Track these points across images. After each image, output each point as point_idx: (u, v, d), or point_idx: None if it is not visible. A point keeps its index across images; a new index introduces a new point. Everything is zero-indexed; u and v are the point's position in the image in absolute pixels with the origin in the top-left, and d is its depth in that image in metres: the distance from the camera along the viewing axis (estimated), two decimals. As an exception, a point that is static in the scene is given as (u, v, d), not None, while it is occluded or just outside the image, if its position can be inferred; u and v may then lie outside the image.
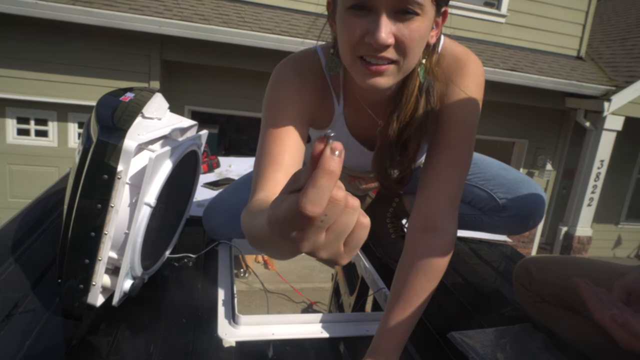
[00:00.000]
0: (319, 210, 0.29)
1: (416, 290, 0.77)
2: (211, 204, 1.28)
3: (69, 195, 0.84)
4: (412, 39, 0.67)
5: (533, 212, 1.11)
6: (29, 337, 0.81)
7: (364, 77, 0.70)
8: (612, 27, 7.25)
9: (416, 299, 0.77)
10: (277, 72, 0.86)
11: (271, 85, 0.86)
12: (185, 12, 4.13)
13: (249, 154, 7.10)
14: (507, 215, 1.12)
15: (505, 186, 1.11)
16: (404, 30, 0.66)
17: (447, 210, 0.81)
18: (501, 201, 1.10)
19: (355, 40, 0.67)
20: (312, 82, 0.85)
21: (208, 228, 1.27)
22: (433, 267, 0.78)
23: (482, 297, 1.20)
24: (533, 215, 1.11)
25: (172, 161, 0.92)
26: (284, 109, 0.82)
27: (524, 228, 1.16)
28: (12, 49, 3.92)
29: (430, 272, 0.78)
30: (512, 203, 1.10)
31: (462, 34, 5.45)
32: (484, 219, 1.16)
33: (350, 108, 0.91)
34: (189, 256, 1.17)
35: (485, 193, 1.12)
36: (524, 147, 6.06)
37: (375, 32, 0.64)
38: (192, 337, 0.87)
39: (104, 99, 0.90)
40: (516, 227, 1.16)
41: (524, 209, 1.10)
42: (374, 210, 1.42)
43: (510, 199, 1.10)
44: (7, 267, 1.02)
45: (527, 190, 1.10)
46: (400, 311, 0.77)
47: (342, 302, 1.96)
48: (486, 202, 1.12)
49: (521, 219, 1.11)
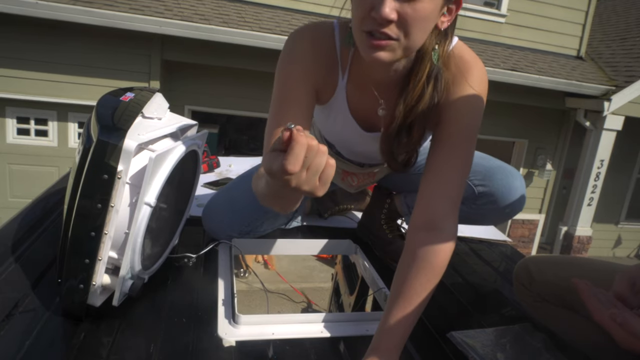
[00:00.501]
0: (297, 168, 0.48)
1: (416, 289, 0.78)
2: (210, 202, 1.28)
3: (69, 195, 0.84)
4: (415, 18, 0.71)
5: (510, 197, 1.09)
6: (29, 337, 0.81)
7: (368, 50, 0.74)
8: (611, 27, 7.25)
9: (416, 298, 0.77)
10: (292, 40, 0.90)
11: (285, 52, 0.90)
12: (185, 12, 4.13)
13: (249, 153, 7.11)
14: (483, 202, 1.11)
15: (481, 173, 1.11)
16: (407, 8, 0.70)
17: (448, 211, 0.82)
18: (477, 189, 1.10)
19: (363, 13, 0.71)
20: (323, 53, 0.89)
21: (208, 227, 1.27)
22: (434, 266, 0.79)
23: (482, 297, 1.20)
24: (510, 203, 1.10)
25: (172, 161, 0.92)
26: (294, 79, 0.87)
27: (502, 216, 1.13)
28: (12, 49, 3.92)
29: (431, 271, 0.79)
30: (488, 189, 1.09)
31: (462, 33, 5.44)
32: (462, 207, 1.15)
33: (354, 85, 0.94)
34: (189, 256, 1.17)
35: None
36: (524, 147, 6.06)
37: (380, 8, 0.68)
38: (192, 337, 0.87)
39: (104, 99, 0.90)
40: (494, 215, 1.14)
41: (500, 195, 1.08)
42: (370, 213, 1.43)
43: (486, 185, 1.09)
44: (7, 266, 1.02)
45: (503, 177, 1.09)
46: (401, 310, 0.77)
47: (342, 302, 1.96)
48: None
49: (497, 206, 1.10)
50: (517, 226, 6.35)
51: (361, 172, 1.30)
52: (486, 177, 1.10)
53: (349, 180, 1.33)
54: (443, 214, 0.82)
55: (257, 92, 4.74)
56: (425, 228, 0.81)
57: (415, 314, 0.78)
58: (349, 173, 1.31)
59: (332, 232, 1.49)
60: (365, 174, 1.31)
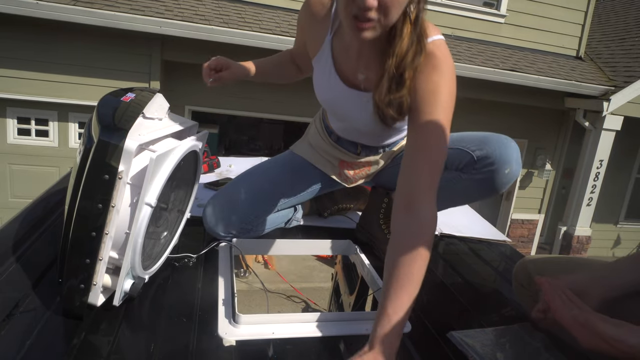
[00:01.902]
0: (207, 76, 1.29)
1: (405, 272, 0.80)
2: (210, 200, 1.29)
3: (70, 195, 0.84)
4: (392, 3, 0.83)
5: (508, 157, 1.13)
6: (30, 336, 0.81)
7: (353, 32, 0.87)
8: (611, 27, 7.25)
9: (406, 280, 0.80)
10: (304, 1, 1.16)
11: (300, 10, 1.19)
12: (185, 13, 4.13)
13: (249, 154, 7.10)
14: (484, 165, 1.14)
15: (476, 140, 1.16)
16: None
17: (424, 192, 0.87)
18: (475, 153, 1.14)
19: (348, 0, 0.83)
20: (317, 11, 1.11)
21: (208, 226, 1.27)
22: (417, 247, 0.82)
23: (482, 297, 1.21)
24: (509, 161, 1.13)
25: (172, 161, 0.92)
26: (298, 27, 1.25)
27: (503, 178, 1.16)
28: (12, 49, 3.92)
29: (415, 252, 0.81)
30: (485, 152, 1.13)
31: (461, 34, 5.45)
32: (464, 177, 1.18)
33: (339, 42, 1.08)
34: (189, 256, 1.17)
35: (457, 151, 1.16)
36: (523, 147, 6.06)
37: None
38: (192, 337, 0.87)
39: (105, 99, 0.90)
40: (495, 179, 1.16)
41: (498, 155, 1.12)
42: (368, 213, 1.44)
43: (483, 149, 1.14)
44: (8, 266, 1.02)
45: (497, 140, 1.14)
46: (394, 294, 0.79)
47: (342, 302, 1.96)
48: (460, 158, 1.16)
49: (497, 167, 1.13)
50: (516, 226, 6.36)
51: (357, 162, 1.34)
52: (481, 142, 1.16)
53: (345, 173, 1.36)
54: (420, 195, 0.86)
55: (257, 92, 4.74)
56: (404, 210, 0.86)
57: (409, 296, 0.79)
58: (345, 163, 1.35)
59: (332, 232, 1.50)
60: (361, 163, 1.34)
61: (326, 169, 1.37)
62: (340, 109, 1.18)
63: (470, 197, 1.26)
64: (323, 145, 1.35)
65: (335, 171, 1.37)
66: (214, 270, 1.13)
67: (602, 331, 0.65)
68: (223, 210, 1.25)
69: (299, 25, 1.23)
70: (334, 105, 1.20)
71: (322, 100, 1.22)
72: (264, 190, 1.31)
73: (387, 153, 1.34)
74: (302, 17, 1.18)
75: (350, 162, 1.35)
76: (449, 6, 5.32)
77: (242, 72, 1.33)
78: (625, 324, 0.65)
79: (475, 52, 5.14)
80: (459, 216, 1.83)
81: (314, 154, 1.38)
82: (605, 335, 0.64)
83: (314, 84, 1.21)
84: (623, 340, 0.63)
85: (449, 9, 5.33)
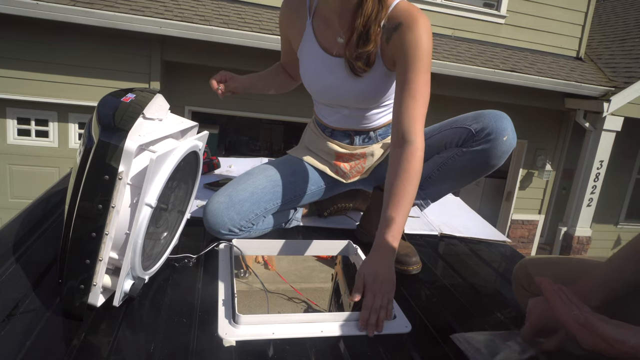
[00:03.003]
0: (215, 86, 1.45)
1: (400, 190, 1.04)
2: (210, 200, 1.29)
3: (70, 196, 0.84)
4: None
5: (504, 126, 1.22)
6: (30, 337, 0.81)
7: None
8: (611, 28, 7.26)
9: (401, 197, 1.03)
10: None
11: None
12: (185, 13, 4.13)
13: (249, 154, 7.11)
14: (482, 136, 1.23)
15: (471, 116, 1.27)
16: None
17: (411, 127, 1.09)
18: (472, 127, 1.24)
19: None
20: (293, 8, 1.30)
21: (208, 225, 1.27)
22: (409, 171, 1.05)
23: (482, 297, 1.21)
24: (505, 129, 1.22)
25: (172, 162, 0.92)
26: (281, 31, 1.41)
27: (502, 147, 1.23)
28: (12, 49, 3.92)
29: (407, 174, 1.05)
30: (482, 125, 1.23)
31: (461, 34, 5.45)
32: (464, 151, 1.26)
33: (319, 21, 1.26)
34: (189, 256, 1.17)
35: (454, 130, 1.28)
36: (523, 148, 6.07)
37: None
38: (192, 337, 0.87)
39: (105, 100, 0.90)
40: (496, 148, 1.23)
41: (494, 125, 1.22)
42: (368, 214, 1.44)
43: (479, 121, 1.24)
44: (8, 267, 1.02)
45: (491, 113, 1.25)
46: (391, 208, 1.03)
47: (342, 302, 1.96)
48: (459, 135, 1.26)
49: (496, 135, 1.21)
50: (516, 226, 6.36)
51: (351, 153, 1.40)
52: (476, 117, 1.25)
53: (341, 168, 1.42)
54: (408, 130, 1.09)
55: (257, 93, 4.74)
56: (398, 144, 1.10)
57: (404, 211, 1.03)
58: (341, 157, 1.41)
59: (332, 232, 1.50)
60: (356, 155, 1.40)
61: (322, 167, 1.43)
62: (326, 80, 1.29)
63: (474, 172, 1.31)
64: (318, 143, 1.43)
65: (332, 167, 1.43)
66: (214, 271, 1.13)
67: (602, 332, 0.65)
68: (223, 210, 1.25)
69: (282, 29, 1.39)
70: (320, 79, 1.31)
71: (311, 82, 1.34)
72: (264, 192, 1.32)
73: (380, 144, 1.40)
74: (282, 17, 1.36)
75: (345, 155, 1.40)
76: (448, 7, 5.32)
77: (246, 82, 1.48)
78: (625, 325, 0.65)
79: (475, 53, 5.15)
80: (459, 216, 1.83)
81: (310, 154, 1.45)
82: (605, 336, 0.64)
83: (302, 74, 1.36)
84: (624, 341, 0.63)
85: (449, 10, 5.33)
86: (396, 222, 1.02)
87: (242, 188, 1.31)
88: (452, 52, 4.90)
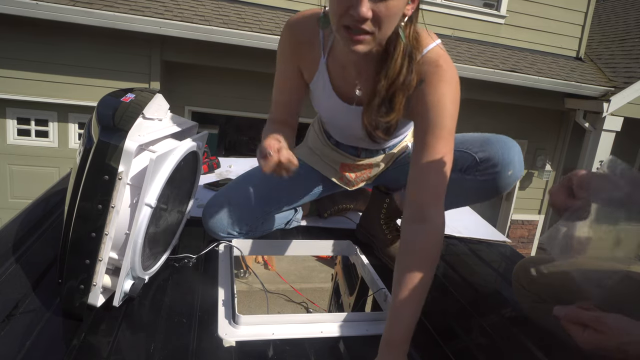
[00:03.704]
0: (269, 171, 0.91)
1: (416, 277, 0.83)
2: (210, 202, 1.29)
3: (69, 196, 0.84)
4: (388, 15, 0.82)
5: (511, 159, 1.13)
6: (30, 337, 0.81)
7: (348, 43, 0.87)
8: (611, 28, 7.26)
9: (416, 285, 0.83)
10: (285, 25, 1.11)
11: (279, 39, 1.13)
12: (185, 13, 4.13)
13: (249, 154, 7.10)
14: (486, 167, 1.14)
15: (477, 142, 1.17)
16: (381, 7, 0.81)
17: (432, 202, 0.90)
18: (477, 155, 1.15)
19: (341, 10, 0.82)
20: (303, 37, 1.08)
21: (208, 228, 1.27)
22: (426, 254, 0.86)
23: (482, 297, 1.21)
24: (512, 163, 1.13)
25: (172, 162, 0.92)
26: (281, 62, 1.14)
27: (506, 179, 1.16)
28: (12, 50, 3.92)
29: (424, 259, 0.86)
30: (488, 154, 1.14)
31: (461, 34, 5.45)
32: (467, 179, 1.17)
33: (334, 62, 1.07)
34: (189, 256, 1.17)
35: (460, 153, 1.15)
36: (523, 148, 6.06)
37: (357, 7, 0.79)
38: (192, 337, 0.87)
39: (104, 100, 0.90)
40: (499, 181, 1.16)
41: (500, 157, 1.13)
42: (368, 214, 1.43)
43: (485, 150, 1.14)
44: (8, 267, 1.02)
45: (499, 141, 1.15)
46: (404, 298, 0.83)
47: (342, 302, 1.96)
48: (463, 160, 1.16)
49: (499, 169, 1.13)
50: (516, 227, 6.36)
51: (357, 164, 1.33)
52: (483, 144, 1.16)
53: (346, 177, 1.35)
54: (428, 205, 0.90)
55: (257, 92, 4.74)
56: (414, 220, 0.90)
57: (419, 302, 0.83)
58: (346, 166, 1.34)
59: (332, 232, 1.50)
60: (362, 166, 1.34)
61: (327, 173, 1.36)
62: (340, 122, 1.20)
63: (473, 199, 1.26)
64: (323, 149, 1.35)
65: (337, 175, 1.36)
66: (214, 271, 1.13)
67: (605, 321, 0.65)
68: (223, 212, 1.25)
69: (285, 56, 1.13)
70: (333, 119, 1.22)
71: (324, 115, 1.24)
72: (264, 194, 1.31)
73: (388, 155, 1.34)
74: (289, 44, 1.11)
75: (351, 165, 1.34)
76: (448, 7, 5.32)
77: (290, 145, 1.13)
78: None
79: (475, 53, 5.14)
80: (459, 217, 1.83)
81: (314, 157, 1.37)
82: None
83: (313, 102, 1.21)
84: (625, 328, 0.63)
85: (448, 10, 5.33)
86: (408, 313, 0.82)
87: (242, 191, 1.30)
88: (452, 52, 4.89)
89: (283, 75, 1.15)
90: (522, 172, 1.17)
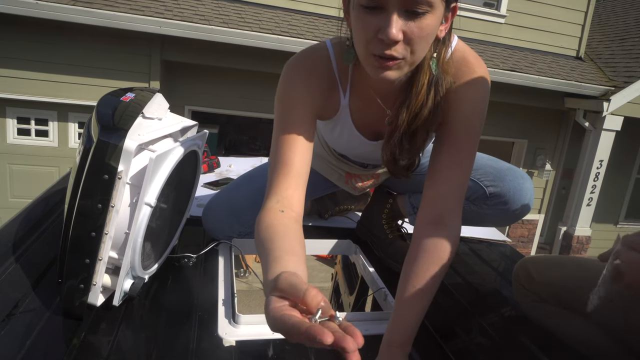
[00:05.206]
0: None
1: (425, 281, 0.80)
2: (210, 203, 1.29)
3: (69, 195, 0.84)
4: (421, 36, 0.72)
5: (521, 198, 1.11)
6: (30, 336, 0.81)
7: (377, 71, 0.76)
8: (611, 28, 7.25)
9: (425, 289, 0.80)
10: (286, 70, 0.90)
11: (281, 83, 0.90)
12: (185, 13, 4.13)
13: (249, 154, 7.10)
14: (494, 203, 1.13)
15: (491, 174, 1.13)
16: (413, 27, 0.70)
17: (453, 208, 0.86)
18: (488, 189, 1.12)
19: (369, 36, 0.72)
20: (319, 77, 0.90)
21: (207, 228, 1.27)
22: (442, 258, 0.82)
23: (482, 297, 1.21)
24: (521, 202, 1.11)
25: (172, 161, 0.92)
26: (293, 110, 0.88)
27: (511, 216, 1.15)
28: (12, 49, 3.92)
29: (439, 263, 0.81)
30: (500, 190, 1.11)
31: (461, 34, 5.43)
32: (472, 207, 1.16)
33: (357, 100, 0.95)
34: (189, 256, 1.17)
35: (472, 182, 1.12)
36: (523, 147, 6.06)
37: (387, 29, 0.69)
38: (192, 337, 0.87)
39: (104, 99, 0.90)
40: (503, 216, 1.15)
41: (512, 196, 1.11)
42: (370, 213, 1.43)
43: (497, 186, 1.11)
44: (8, 266, 1.02)
45: (513, 179, 1.12)
46: (411, 301, 0.80)
47: (342, 302, 1.96)
48: (473, 190, 1.13)
49: (508, 207, 1.12)
50: (516, 226, 6.35)
51: (364, 174, 1.31)
52: (497, 178, 1.12)
53: (352, 182, 1.33)
54: (449, 210, 0.85)
55: (257, 92, 4.74)
56: (432, 223, 0.85)
57: (424, 305, 0.81)
58: (353, 175, 1.31)
59: (332, 232, 1.50)
60: (369, 175, 1.32)
61: (332, 178, 1.34)
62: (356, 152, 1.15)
63: (473, 224, 1.25)
64: (327, 157, 1.30)
65: (342, 180, 1.33)
66: (213, 270, 1.13)
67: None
68: (223, 214, 1.25)
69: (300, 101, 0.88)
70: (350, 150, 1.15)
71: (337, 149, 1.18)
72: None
73: None
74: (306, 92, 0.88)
75: (357, 174, 1.31)
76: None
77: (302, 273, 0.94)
78: None
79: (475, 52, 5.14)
80: (459, 216, 1.83)
81: (318, 161, 1.32)
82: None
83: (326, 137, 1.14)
84: None
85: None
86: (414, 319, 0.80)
87: (242, 193, 1.29)
88: (452, 52, 4.89)
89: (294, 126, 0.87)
90: (529, 210, 1.16)
